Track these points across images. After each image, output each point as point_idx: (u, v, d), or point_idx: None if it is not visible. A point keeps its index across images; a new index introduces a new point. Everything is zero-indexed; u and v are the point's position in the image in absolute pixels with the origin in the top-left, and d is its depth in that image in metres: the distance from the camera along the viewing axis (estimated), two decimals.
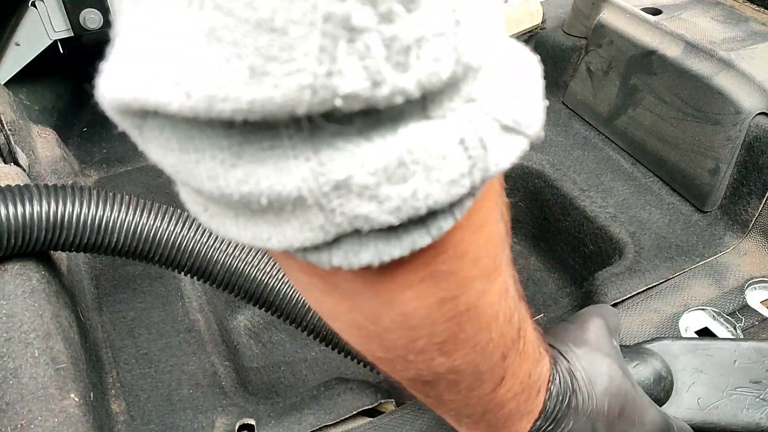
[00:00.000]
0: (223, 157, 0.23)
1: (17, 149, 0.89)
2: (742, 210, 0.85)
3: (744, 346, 0.62)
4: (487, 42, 0.24)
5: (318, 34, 0.20)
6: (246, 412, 0.70)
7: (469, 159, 0.24)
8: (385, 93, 0.21)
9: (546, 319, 0.88)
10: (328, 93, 0.20)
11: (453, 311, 0.33)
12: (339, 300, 0.32)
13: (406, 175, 0.23)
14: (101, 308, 0.85)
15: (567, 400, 0.46)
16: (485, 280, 0.33)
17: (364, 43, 0.20)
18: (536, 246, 1.03)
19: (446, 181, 0.24)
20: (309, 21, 0.20)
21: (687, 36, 0.92)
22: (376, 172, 0.23)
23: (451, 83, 0.23)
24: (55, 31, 1.12)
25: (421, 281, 0.30)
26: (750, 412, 0.60)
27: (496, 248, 0.33)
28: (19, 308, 0.66)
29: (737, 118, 0.84)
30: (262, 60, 0.20)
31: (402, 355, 0.35)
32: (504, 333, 0.37)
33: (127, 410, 0.71)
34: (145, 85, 0.21)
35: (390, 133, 0.23)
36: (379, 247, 0.26)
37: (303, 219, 0.24)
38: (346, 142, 0.22)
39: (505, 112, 0.25)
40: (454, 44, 0.22)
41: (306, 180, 0.23)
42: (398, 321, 0.32)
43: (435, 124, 0.24)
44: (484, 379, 0.39)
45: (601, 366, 0.49)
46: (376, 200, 0.24)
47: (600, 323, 0.53)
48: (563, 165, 1.00)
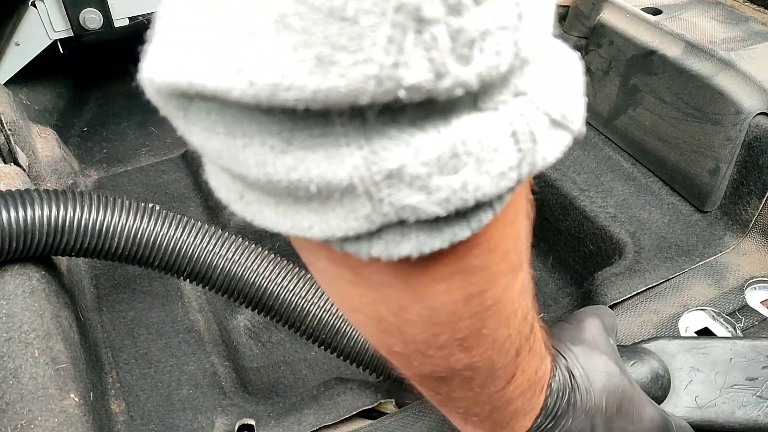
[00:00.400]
0: (273, 143, 0.22)
1: (17, 149, 0.89)
2: (742, 210, 0.85)
3: (740, 344, 0.63)
4: (542, 35, 0.24)
5: (388, 24, 0.20)
6: (246, 412, 0.70)
7: (519, 152, 0.24)
8: (447, 85, 0.21)
9: (546, 319, 0.88)
10: (393, 84, 0.20)
11: (479, 306, 0.33)
12: (365, 291, 0.32)
13: (458, 166, 0.23)
14: (101, 308, 0.85)
15: (566, 397, 0.46)
16: (510, 275, 0.33)
17: (431, 35, 0.20)
18: (536, 246, 1.03)
19: (496, 173, 0.24)
20: (380, 11, 0.19)
21: (687, 36, 0.92)
22: (429, 162, 0.23)
23: (511, 74, 0.23)
24: (55, 31, 1.12)
25: (453, 275, 0.30)
26: (747, 410, 0.60)
27: (522, 244, 0.33)
28: (19, 308, 0.66)
29: (737, 118, 0.84)
30: (330, 49, 0.20)
31: (421, 350, 0.35)
32: (520, 330, 0.38)
33: (126, 410, 0.71)
34: (203, 70, 0.21)
35: (443, 124, 0.23)
36: (420, 239, 0.26)
37: (349, 207, 0.24)
38: (400, 131, 0.22)
39: (555, 107, 0.25)
40: (515, 38, 0.22)
41: (358, 168, 0.22)
42: (424, 315, 0.32)
43: (487, 116, 0.23)
44: (498, 376, 0.39)
45: (598, 364, 0.49)
46: (425, 191, 0.23)
47: (597, 323, 0.54)
48: (563, 165, 1.00)
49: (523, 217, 0.32)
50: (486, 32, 0.21)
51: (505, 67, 0.22)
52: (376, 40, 0.20)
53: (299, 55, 0.20)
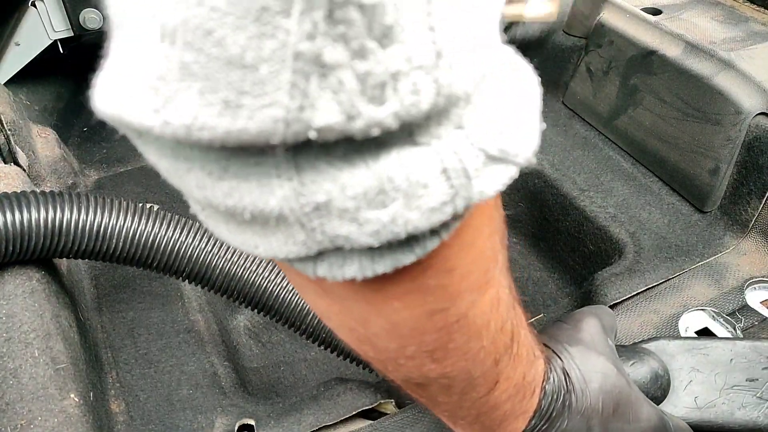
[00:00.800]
0: (211, 169, 0.23)
1: (17, 149, 0.89)
2: (742, 210, 0.85)
3: (740, 344, 0.63)
4: (475, 69, 0.24)
5: (289, 70, 0.20)
6: (245, 413, 0.70)
7: (451, 188, 0.24)
8: (360, 126, 0.21)
9: (546, 319, 0.88)
10: (302, 126, 0.21)
11: (442, 322, 0.33)
12: (331, 303, 0.32)
13: (385, 201, 0.23)
14: (101, 308, 0.85)
15: (561, 398, 0.46)
16: (475, 293, 0.33)
17: (337, 79, 0.20)
18: (536, 246, 1.03)
19: (426, 208, 0.24)
20: (279, 58, 0.20)
21: (687, 36, 0.92)
22: (356, 197, 0.23)
23: (438, 111, 0.23)
24: (55, 31, 1.12)
25: (408, 293, 0.30)
26: (747, 411, 0.60)
27: (488, 262, 0.33)
28: (19, 308, 0.66)
29: (737, 118, 0.84)
30: (235, 94, 0.20)
31: (393, 358, 0.35)
32: (496, 340, 0.37)
33: (126, 410, 0.71)
34: (129, 108, 0.22)
35: (373, 159, 0.23)
36: (363, 263, 0.26)
37: (286, 233, 0.25)
38: (329, 165, 0.23)
39: (492, 142, 0.25)
40: (434, 76, 0.22)
41: (287, 199, 0.23)
42: (387, 328, 0.32)
43: (419, 152, 0.23)
44: (477, 383, 0.39)
45: (595, 364, 0.49)
46: (356, 223, 0.24)
47: (595, 323, 0.54)
48: (563, 165, 1.00)
49: (486, 236, 0.32)
50: (398, 73, 0.21)
51: (427, 105, 0.22)
52: (279, 85, 0.20)
53: (206, 99, 0.20)
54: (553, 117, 1.10)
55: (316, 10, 0.19)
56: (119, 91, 0.22)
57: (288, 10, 0.19)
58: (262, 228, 0.25)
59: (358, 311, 0.32)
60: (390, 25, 0.20)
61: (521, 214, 1.04)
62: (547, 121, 1.10)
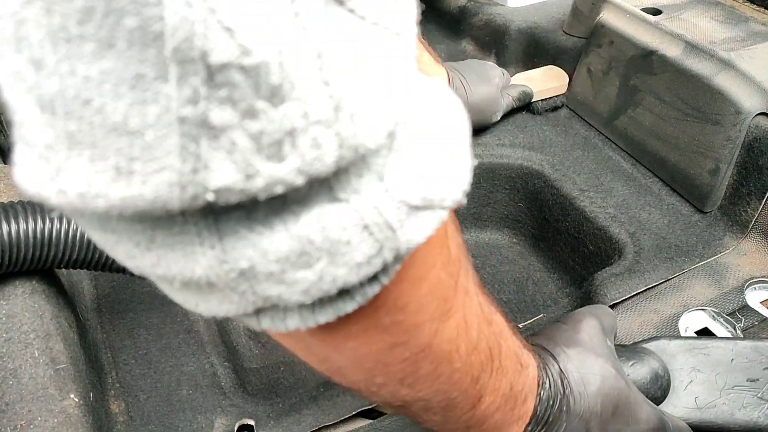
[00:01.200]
0: (138, 240, 0.23)
1: None
2: (742, 210, 0.85)
3: (741, 344, 0.63)
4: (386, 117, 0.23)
5: (176, 134, 0.19)
6: (245, 413, 0.70)
7: (376, 242, 0.24)
8: (261, 184, 0.21)
9: (546, 319, 0.87)
10: (198, 188, 0.20)
11: (405, 353, 0.32)
12: (293, 343, 0.33)
13: (310, 261, 0.23)
14: (101, 308, 0.85)
15: (558, 403, 0.46)
16: (436, 322, 0.33)
17: (228, 139, 0.20)
18: (536, 246, 1.03)
19: (353, 264, 0.24)
20: (165, 123, 0.19)
21: (687, 36, 0.92)
22: (279, 260, 0.23)
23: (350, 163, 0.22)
24: None
25: (364, 332, 0.30)
26: (747, 411, 0.60)
27: (446, 290, 0.32)
28: (19, 308, 0.66)
29: (737, 119, 0.84)
30: (125, 160, 0.20)
31: (365, 387, 0.35)
32: (470, 361, 0.37)
33: (126, 411, 0.71)
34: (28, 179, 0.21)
35: (293, 220, 0.23)
36: (304, 315, 0.26)
37: (220, 296, 0.24)
38: (249, 231, 0.22)
39: (413, 192, 0.25)
40: (335, 130, 0.21)
41: (212, 267, 0.23)
42: (350, 364, 0.32)
43: (337, 210, 0.23)
44: (458, 402, 0.39)
45: (593, 366, 0.49)
46: (284, 284, 0.24)
47: (593, 323, 0.53)
48: (563, 165, 0.99)
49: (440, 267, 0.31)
50: (294, 130, 0.21)
51: (331, 158, 0.22)
52: (168, 149, 0.20)
53: (97, 167, 0.20)
54: (553, 117, 1.10)
55: (193, 76, 0.19)
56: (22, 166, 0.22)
57: (164, 76, 0.19)
58: (199, 290, 0.25)
59: (318, 351, 0.32)
60: (278, 84, 0.20)
61: (521, 214, 1.04)
62: (547, 121, 1.10)
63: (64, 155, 0.20)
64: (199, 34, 0.18)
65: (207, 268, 0.23)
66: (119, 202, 0.20)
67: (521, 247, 1.05)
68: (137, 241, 0.23)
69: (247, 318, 0.27)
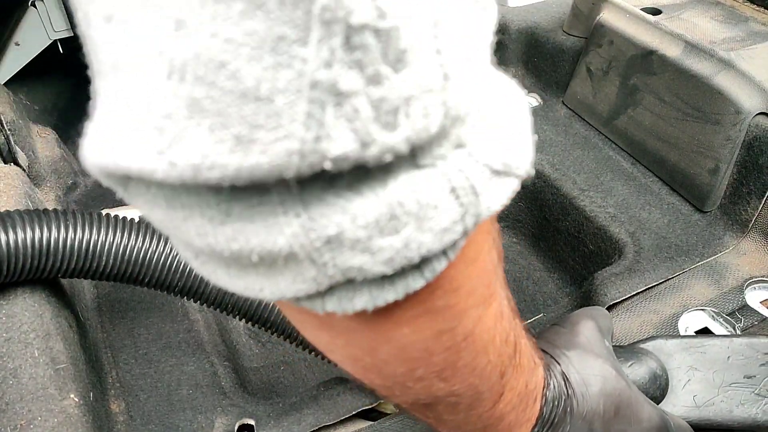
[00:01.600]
0: (212, 215, 0.22)
1: (17, 149, 0.89)
2: (742, 210, 0.85)
3: (737, 341, 0.63)
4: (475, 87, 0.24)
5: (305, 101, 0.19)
6: (245, 413, 0.70)
7: (461, 206, 0.24)
8: (374, 152, 0.21)
9: (546, 319, 0.87)
10: (317, 157, 0.20)
11: (450, 341, 0.32)
12: (335, 336, 0.32)
13: (398, 226, 0.23)
14: (101, 308, 0.85)
15: (562, 404, 0.46)
16: (481, 307, 0.33)
17: (352, 106, 0.20)
18: (536, 246, 1.03)
19: (438, 229, 0.24)
20: (295, 89, 0.19)
21: (687, 36, 0.92)
22: (368, 226, 0.23)
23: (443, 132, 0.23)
24: (55, 30, 1.12)
25: (417, 317, 0.30)
26: (745, 408, 0.60)
27: (490, 276, 0.33)
28: (19, 308, 0.66)
29: (737, 118, 0.84)
30: (248, 128, 0.20)
31: (400, 383, 0.35)
32: (501, 353, 0.37)
33: (126, 410, 0.71)
34: (128, 153, 0.21)
35: (380, 186, 0.23)
36: (372, 293, 0.26)
37: (295, 271, 0.24)
38: (337, 196, 0.22)
39: (496, 156, 0.25)
40: (442, 99, 0.22)
41: (297, 236, 0.22)
42: (395, 354, 0.32)
43: (425, 174, 0.23)
44: (484, 398, 0.39)
45: (593, 367, 0.49)
46: (368, 252, 0.23)
47: (591, 325, 0.53)
48: (563, 165, 1.00)
49: (487, 251, 0.32)
50: (410, 98, 0.21)
51: (435, 128, 0.22)
52: (295, 116, 0.19)
53: (217, 136, 0.20)
54: (553, 117, 1.10)
55: (335, 37, 0.19)
56: (115, 137, 0.21)
57: (305, 39, 0.19)
58: (268, 269, 0.24)
59: (364, 341, 0.31)
60: (404, 49, 0.20)
61: (521, 214, 1.04)
62: (547, 121, 1.10)
63: (182, 125, 0.20)
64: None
65: (291, 237, 0.22)
66: (233, 172, 0.20)
67: (521, 246, 1.05)
68: (210, 216, 0.22)
69: (312, 301, 0.26)
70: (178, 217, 0.23)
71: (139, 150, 0.20)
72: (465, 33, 0.23)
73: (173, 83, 0.19)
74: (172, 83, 0.19)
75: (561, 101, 1.13)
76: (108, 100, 0.22)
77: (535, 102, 1.16)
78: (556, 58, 1.14)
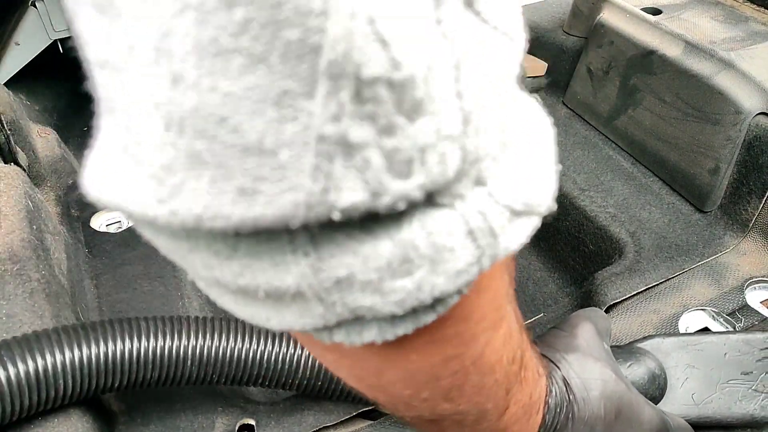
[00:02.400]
0: (218, 248, 0.22)
1: (17, 149, 0.89)
2: (742, 210, 0.85)
3: (733, 338, 0.63)
4: (499, 124, 0.22)
5: (312, 153, 0.19)
6: (246, 413, 0.70)
7: (478, 249, 0.23)
8: (387, 201, 0.20)
9: (546, 319, 0.87)
10: (325, 208, 0.19)
11: (458, 366, 0.32)
12: (340, 357, 0.31)
13: (411, 269, 0.22)
14: (101, 308, 0.85)
15: (564, 410, 0.46)
16: (490, 332, 0.32)
17: (362, 158, 0.19)
18: (536, 246, 1.03)
19: (453, 272, 0.23)
20: (302, 141, 0.18)
21: (687, 36, 0.92)
22: (380, 268, 0.22)
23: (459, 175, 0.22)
24: (55, 30, 1.12)
25: (426, 345, 0.29)
26: (743, 404, 0.60)
27: (501, 300, 0.32)
28: (19, 308, 0.66)
29: (737, 118, 0.84)
30: (252, 180, 0.19)
31: (406, 402, 0.34)
32: (508, 372, 0.37)
33: (126, 411, 0.71)
34: (128, 198, 0.20)
35: (395, 227, 0.22)
36: (382, 328, 0.25)
37: (303, 307, 0.23)
38: (348, 237, 0.21)
39: (516, 196, 0.24)
40: (461, 143, 0.21)
41: (305, 276, 0.22)
42: (402, 377, 0.31)
43: (442, 215, 0.22)
44: (489, 414, 0.38)
45: (593, 371, 0.49)
46: (379, 293, 0.23)
47: (589, 328, 0.53)
48: (563, 165, 1.00)
49: (500, 277, 0.31)
50: (426, 146, 0.20)
51: (452, 173, 0.21)
52: (301, 168, 0.19)
53: (219, 188, 0.19)
54: (553, 117, 1.10)
55: (343, 91, 0.18)
56: (115, 178, 0.20)
57: (311, 92, 0.18)
58: (276, 303, 0.23)
59: (371, 365, 0.31)
60: (420, 99, 0.19)
61: None
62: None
63: (182, 176, 0.19)
64: (358, 47, 0.18)
65: (299, 277, 0.22)
66: (237, 223, 0.19)
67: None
68: (217, 250, 0.22)
69: (319, 333, 0.26)
70: (184, 248, 0.22)
71: (138, 197, 0.20)
72: (490, 68, 0.21)
73: (172, 135, 0.19)
74: (171, 135, 0.19)
75: (561, 101, 1.13)
76: (106, 138, 0.21)
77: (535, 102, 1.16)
78: (556, 58, 1.14)
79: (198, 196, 0.19)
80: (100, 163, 0.21)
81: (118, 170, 0.20)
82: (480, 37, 0.21)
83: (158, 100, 0.18)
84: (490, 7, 0.21)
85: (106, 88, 0.20)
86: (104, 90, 0.20)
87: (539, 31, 1.18)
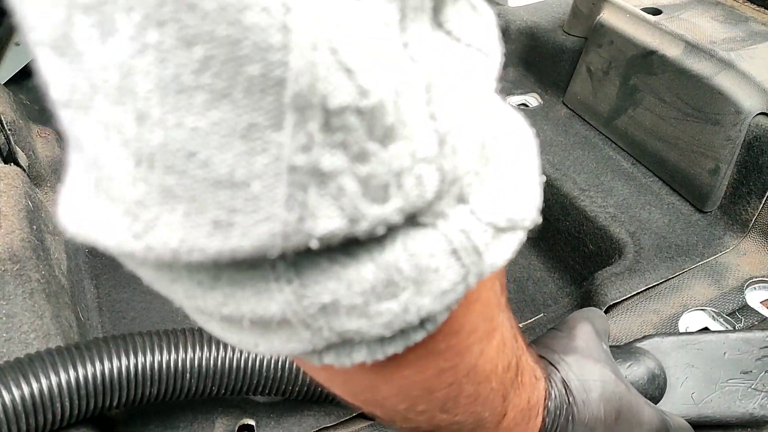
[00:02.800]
0: (201, 278, 0.22)
1: (17, 149, 0.89)
2: (742, 210, 0.85)
3: (732, 337, 0.63)
4: (477, 143, 0.22)
5: (284, 184, 0.19)
6: (246, 413, 0.70)
7: (463, 267, 0.23)
8: (364, 227, 0.20)
9: (546, 319, 0.87)
10: (302, 237, 0.19)
11: (452, 378, 0.32)
12: (333, 374, 0.31)
13: (396, 291, 0.22)
14: (101, 308, 0.85)
15: (564, 412, 0.46)
16: (484, 342, 0.32)
17: (336, 185, 0.19)
18: (536, 246, 1.03)
19: (439, 292, 0.23)
20: (273, 173, 0.18)
21: (687, 36, 0.92)
22: (364, 292, 0.22)
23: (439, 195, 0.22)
24: None
25: (418, 360, 0.29)
26: (743, 403, 0.60)
27: (492, 310, 0.32)
28: (19, 308, 0.66)
29: (737, 118, 0.84)
30: (226, 213, 0.19)
31: (402, 416, 0.34)
32: (503, 379, 0.37)
33: (127, 411, 0.71)
34: (106, 233, 0.20)
35: (377, 250, 0.22)
36: (372, 348, 0.25)
37: (290, 332, 0.23)
38: (331, 261, 0.21)
39: (500, 213, 0.24)
40: (438, 165, 0.21)
41: (289, 303, 0.21)
42: (396, 392, 0.31)
43: (425, 236, 0.22)
44: (487, 422, 0.38)
45: (592, 372, 0.49)
46: (365, 317, 0.22)
47: (588, 328, 0.53)
48: (563, 165, 1.00)
49: (490, 287, 0.30)
50: (401, 170, 0.20)
51: (431, 194, 0.21)
52: (275, 198, 0.19)
53: (193, 221, 0.19)
54: (553, 117, 1.10)
55: (311, 121, 0.18)
56: (89, 214, 0.20)
57: (279, 124, 0.18)
58: (262, 330, 0.23)
59: (365, 382, 0.31)
60: (391, 124, 0.19)
61: None
62: (547, 121, 1.10)
63: (156, 211, 0.19)
64: (322, 78, 0.18)
65: (283, 305, 0.21)
66: (214, 255, 0.19)
67: (521, 246, 1.05)
68: (199, 280, 0.21)
69: (309, 356, 0.25)
70: (166, 279, 0.22)
71: (114, 233, 0.20)
72: (465, 86, 0.21)
73: (143, 171, 0.19)
74: (142, 171, 0.19)
75: (561, 101, 1.13)
76: (78, 174, 0.21)
77: (535, 102, 1.16)
78: (556, 58, 1.14)
79: (173, 231, 0.19)
80: (73, 199, 0.21)
81: (92, 206, 0.20)
82: (452, 56, 0.21)
83: (126, 137, 0.18)
84: (462, 24, 0.21)
85: (72, 127, 0.20)
86: (71, 128, 0.20)
87: (539, 31, 1.18)
